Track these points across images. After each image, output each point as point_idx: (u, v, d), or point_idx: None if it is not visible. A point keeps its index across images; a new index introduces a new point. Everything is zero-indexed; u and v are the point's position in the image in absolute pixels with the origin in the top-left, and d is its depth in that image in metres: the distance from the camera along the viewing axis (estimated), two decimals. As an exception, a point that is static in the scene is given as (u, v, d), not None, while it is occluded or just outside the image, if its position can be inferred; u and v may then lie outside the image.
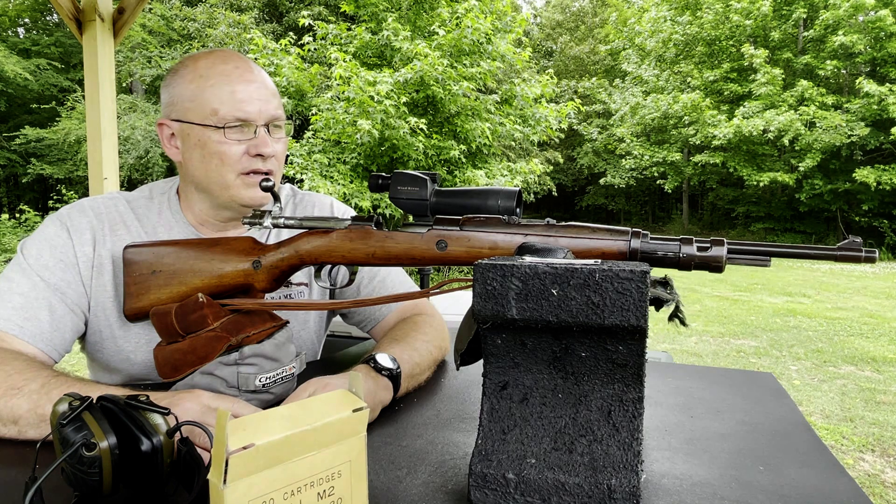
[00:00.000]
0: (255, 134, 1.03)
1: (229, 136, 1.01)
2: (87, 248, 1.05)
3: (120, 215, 1.09)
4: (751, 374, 1.19)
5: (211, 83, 1.02)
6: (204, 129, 1.02)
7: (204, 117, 1.01)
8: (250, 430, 0.49)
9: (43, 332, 0.98)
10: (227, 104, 1.01)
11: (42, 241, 1.04)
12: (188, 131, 1.04)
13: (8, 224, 12.21)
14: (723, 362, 5.03)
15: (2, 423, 0.82)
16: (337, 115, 8.45)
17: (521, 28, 10.21)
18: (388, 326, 1.24)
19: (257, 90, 1.04)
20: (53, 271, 1.02)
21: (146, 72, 14.55)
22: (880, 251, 9.29)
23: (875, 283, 10.16)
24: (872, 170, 15.06)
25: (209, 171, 1.04)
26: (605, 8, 25.50)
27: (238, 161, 1.03)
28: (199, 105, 1.02)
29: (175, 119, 1.05)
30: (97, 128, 2.62)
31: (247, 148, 1.03)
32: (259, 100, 1.03)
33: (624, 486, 0.63)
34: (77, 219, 1.06)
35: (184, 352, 0.89)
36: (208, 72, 1.03)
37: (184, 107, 1.04)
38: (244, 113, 1.02)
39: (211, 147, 1.02)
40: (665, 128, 19.36)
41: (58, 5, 2.55)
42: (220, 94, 1.01)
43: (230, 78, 1.02)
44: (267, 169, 1.05)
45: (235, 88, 1.02)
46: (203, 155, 1.03)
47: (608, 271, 0.61)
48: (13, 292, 0.98)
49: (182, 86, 1.04)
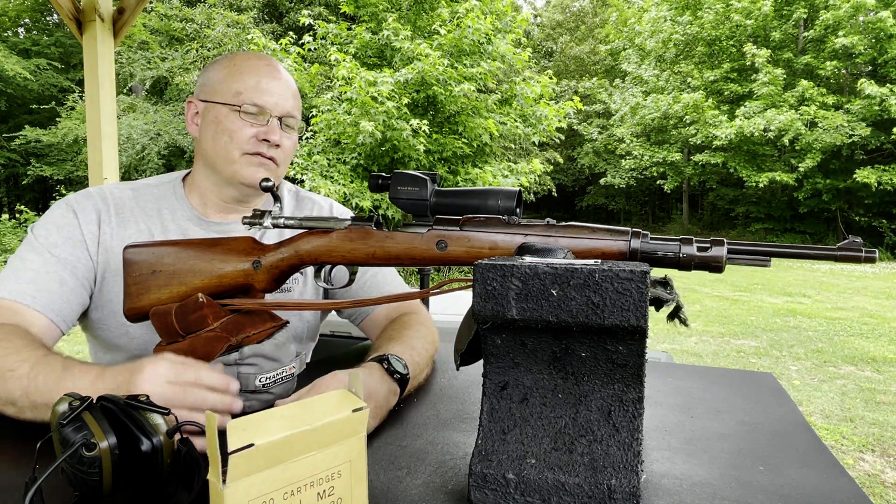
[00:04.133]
0: (267, 123, 1.11)
1: (244, 118, 1.10)
2: (93, 227, 1.11)
3: (125, 200, 1.16)
4: (751, 374, 1.19)
5: (241, 71, 1.12)
6: (223, 106, 1.11)
7: (226, 97, 1.11)
8: (250, 430, 0.49)
9: (54, 303, 1.04)
10: (250, 90, 1.10)
11: (50, 223, 1.10)
12: (210, 109, 1.13)
13: (8, 224, 12.20)
14: (723, 362, 5.03)
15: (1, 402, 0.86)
16: (338, 115, 8.45)
17: (521, 28, 10.21)
18: (378, 319, 1.27)
19: (279, 87, 1.13)
20: (63, 248, 1.08)
21: (146, 73, 14.54)
22: (880, 251, 9.29)
23: (875, 283, 10.16)
24: (873, 170, 15.07)
25: (217, 145, 1.11)
26: (606, 8, 25.49)
27: (246, 141, 1.11)
28: (226, 87, 1.11)
29: (202, 99, 1.15)
30: (97, 128, 2.62)
31: (256, 132, 1.11)
32: (279, 95, 1.12)
33: (624, 487, 0.63)
34: (83, 201, 1.13)
35: (184, 352, 0.89)
36: (242, 63, 1.13)
37: (212, 88, 1.13)
38: (262, 101, 1.10)
39: (225, 123, 1.10)
40: (665, 128, 19.36)
41: (58, 5, 2.55)
42: (247, 81, 1.11)
43: (259, 72, 1.13)
44: (270, 155, 1.12)
45: (261, 80, 1.12)
46: (216, 131, 1.11)
47: (608, 271, 0.61)
48: (26, 269, 1.05)
49: (216, 71, 1.15)
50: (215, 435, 0.47)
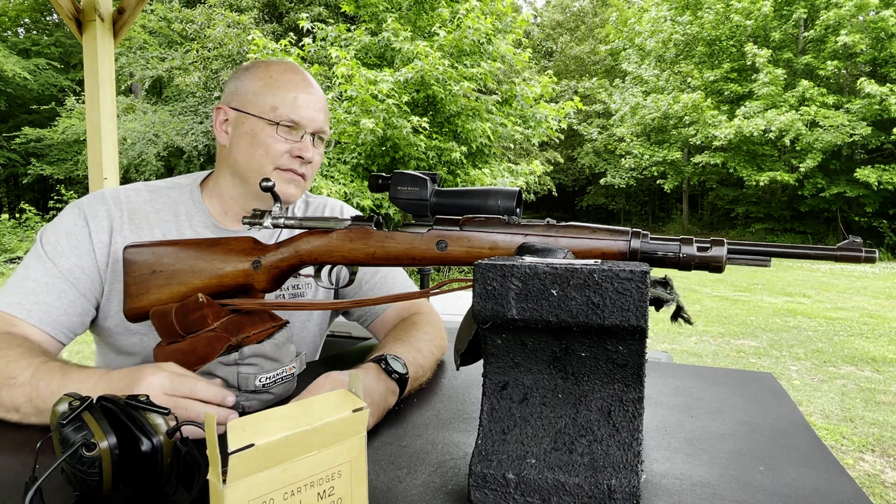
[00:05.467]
0: (301, 138, 1.11)
1: (280, 133, 1.10)
2: (104, 236, 1.09)
3: (140, 205, 1.13)
4: (751, 374, 1.19)
5: (278, 85, 1.11)
6: (259, 120, 1.10)
7: (263, 111, 1.10)
8: (250, 430, 0.49)
9: (50, 316, 1.02)
10: (288, 106, 1.10)
11: (60, 229, 1.08)
12: (243, 120, 1.12)
13: (8, 224, 12.20)
14: (723, 362, 5.03)
15: (5, 409, 0.86)
16: (338, 115, 8.45)
17: (521, 29, 10.20)
18: (388, 321, 1.26)
19: (314, 102, 1.13)
20: (68, 258, 1.06)
21: (146, 73, 14.55)
22: (880, 251, 9.28)
23: (875, 283, 10.16)
24: (873, 170, 15.07)
25: (252, 158, 1.11)
26: (606, 8, 25.49)
27: (280, 156, 1.10)
28: (262, 100, 1.10)
29: (234, 107, 1.13)
30: (97, 128, 2.62)
31: (291, 148, 1.11)
32: (314, 110, 1.13)
33: (624, 487, 0.63)
34: (96, 207, 1.10)
35: (184, 352, 0.89)
36: (279, 76, 1.12)
37: (247, 98, 1.12)
38: (298, 117, 1.10)
39: (261, 138, 1.10)
40: (665, 128, 19.36)
41: (58, 5, 2.55)
42: (284, 96, 1.10)
43: (296, 87, 1.12)
44: (302, 172, 1.13)
45: (298, 95, 1.11)
46: (251, 143, 1.10)
47: (608, 271, 0.61)
48: (27, 279, 1.03)
49: (251, 81, 1.13)
50: (215, 435, 0.47)
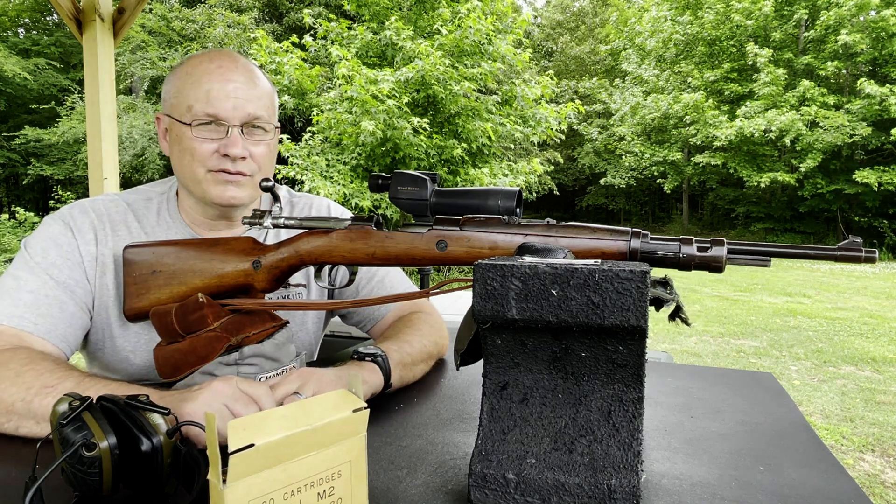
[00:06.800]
0: (227, 134, 1.02)
1: (197, 133, 1.02)
2: (91, 248, 1.05)
3: (120, 216, 1.10)
4: (751, 374, 1.19)
5: (192, 80, 1.03)
6: (180, 125, 1.03)
7: (181, 114, 1.03)
8: (250, 430, 0.49)
9: (57, 329, 0.98)
10: (200, 101, 1.01)
11: (47, 240, 1.04)
12: (172, 126, 1.06)
13: (8, 224, 12.19)
14: (723, 362, 5.03)
15: (35, 420, 0.81)
16: (339, 115, 8.44)
17: (521, 29, 10.20)
18: (387, 325, 1.24)
19: (235, 90, 1.02)
20: (62, 269, 1.02)
21: (146, 72, 14.54)
22: (880, 251, 9.28)
23: (875, 283, 10.15)
24: (872, 171, 15.07)
25: (183, 165, 1.05)
26: (606, 8, 25.48)
27: (208, 158, 1.03)
28: (180, 101, 1.03)
29: (166, 114, 1.07)
30: (97, 128, 2.62)
31: (217, 146, 1.03)
32: (235, 98, 1.02)
33: (624, 486, 0.63)
34: (79, 218, 1.07)
35: (184, 352, 0.89)
36: (194, 70, 1.04)
37: (170, 102, 1.05)
38: (214, 110, 1.01)
39: (184, 143, 1.03)
40: (665, 128, 19.35)
41: (58, 5, 2.55)
42: (197, 91, 1.01)
43: (210, 76, 1.02)
44: (237, 170, 1.04)
45: (212, 87, 1.01)
46: (180, 150, 1.04)
47: (608, 271, 0.61)
48: (23, 290, 0.98)
49: (172, 82, 1.06)
50: (215, 435, 0.47)
